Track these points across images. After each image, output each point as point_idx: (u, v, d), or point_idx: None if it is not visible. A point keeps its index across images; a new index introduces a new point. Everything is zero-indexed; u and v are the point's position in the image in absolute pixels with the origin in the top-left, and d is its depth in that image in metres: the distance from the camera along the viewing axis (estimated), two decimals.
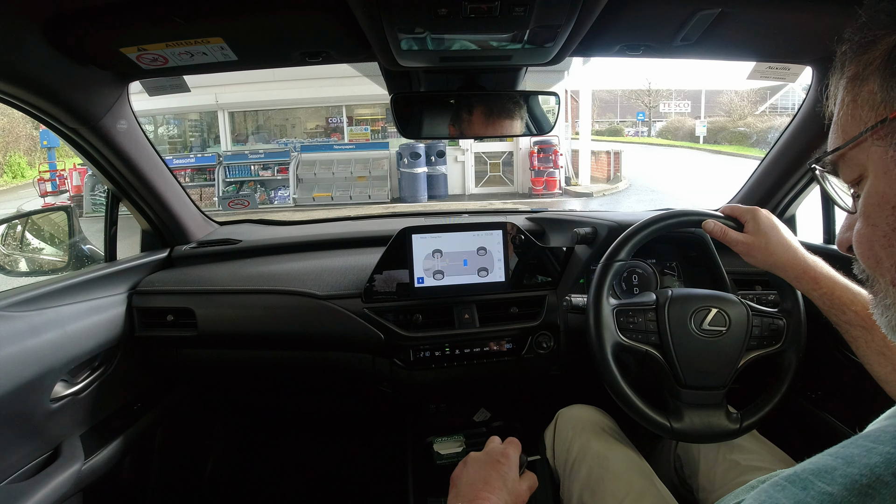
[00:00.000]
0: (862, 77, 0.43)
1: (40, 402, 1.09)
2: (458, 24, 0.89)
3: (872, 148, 0.43)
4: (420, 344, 1.34)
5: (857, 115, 0.44)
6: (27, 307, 1.09)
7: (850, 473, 0.33)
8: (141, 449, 1.41)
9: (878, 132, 0.42)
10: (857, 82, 0.44)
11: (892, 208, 0.42)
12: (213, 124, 13.95)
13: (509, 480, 0.83)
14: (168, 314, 1.38)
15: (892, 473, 0.31)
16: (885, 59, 0.41)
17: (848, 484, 0.32)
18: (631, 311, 1.09)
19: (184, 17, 0.92)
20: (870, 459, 0.33)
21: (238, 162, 12.38)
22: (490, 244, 1.39)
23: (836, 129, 0.47)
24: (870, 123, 0.43)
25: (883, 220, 0.43)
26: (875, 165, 0.43)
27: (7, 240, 1.61)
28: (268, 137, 14.11)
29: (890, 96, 0.41)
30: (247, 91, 12.34)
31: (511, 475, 0.84)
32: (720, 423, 1.02)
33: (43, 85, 1.05)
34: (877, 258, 0.44)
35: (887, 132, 0.41)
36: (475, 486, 0.81)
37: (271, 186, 12.42)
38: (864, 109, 0.43)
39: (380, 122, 13.73)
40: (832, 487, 0.33)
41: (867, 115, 0.43)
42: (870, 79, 0.43)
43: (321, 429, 2.01)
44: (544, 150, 12.09)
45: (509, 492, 0.81)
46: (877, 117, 0.42)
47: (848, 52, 0.45)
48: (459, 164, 12.71)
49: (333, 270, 1.42)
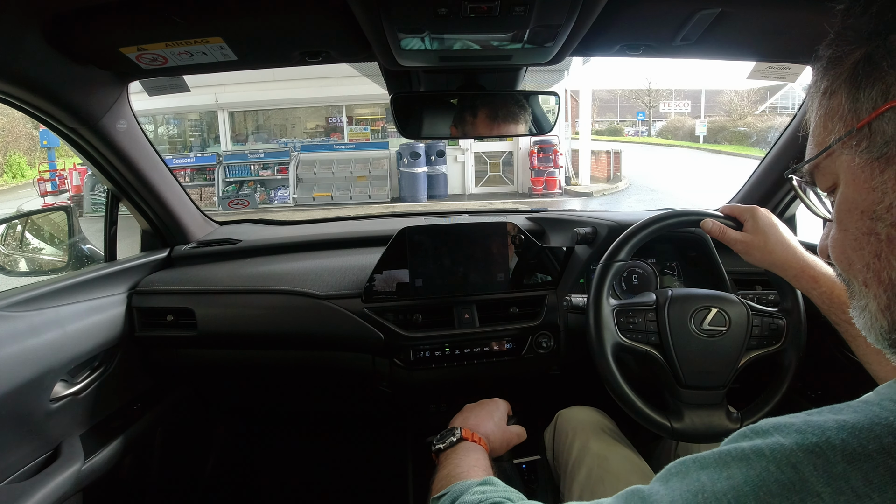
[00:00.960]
0: (832, 90, 0.46)
1: (40, 402, 1.09)
2: (458, 24, 0.89)
3: (842, 157, 0.45)
4: (420, 344, 1.34)
5: (829, 126, 0.47)
6: (27, 307, 1.09)
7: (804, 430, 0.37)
8: (141, 449, 1.40)
9: (846, 142, 0.44)
10: (827, 95, 0.47)
11: (861, 213, 0.44)
12: (213, 124, 13.94)
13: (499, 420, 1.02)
14: (168, 314, 1.38)
15: (841, 438, 0.35)
16: (850, 72, 0.44)
17: (800, 440, 0.36)
18: (631, 312, 1.09)
19: (184, 17, 0.92)
20: (825, 423, 0.36)
21: (238, 162, 12.38)
22: (491, 244, 1.39)
23: (812, 141, 0.50)
24: (839, 134, 0.45)
25: (853, 224, 0.45)
26: (845, 174, 0.46)
27: (7, 239, 1.61)
28: (267, 137, 14.11)
29: (855, 107, 0.43)
30: (247, 91, 12.33)
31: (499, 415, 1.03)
32: (720, 422, 1.02)
33: (43, 85, 1.05)
34: (849, 261, 0.46)
35: (854, 141, 0.43)
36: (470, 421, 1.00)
37: (271, 186, 12.42)
38: (834, 121, 0.46)
39: (380, 122, 13.73)
40: (786, 440, 0.37)
41: (837, 126, 0.46)
42: (838, 92, 0.45)
43: (321, 429, 2.01)
44: (544, 149, 12.09)
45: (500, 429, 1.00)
46: (845, 128, 0.45)
47: (820, 68, 0.48)
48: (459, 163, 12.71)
49: (333, 270, 1.42)
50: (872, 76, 0.42)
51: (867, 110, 0.43)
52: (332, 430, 2.01)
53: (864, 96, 0.43)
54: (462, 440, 0.94)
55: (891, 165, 0.41)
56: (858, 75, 0.43)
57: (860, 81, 0.43)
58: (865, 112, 0.43)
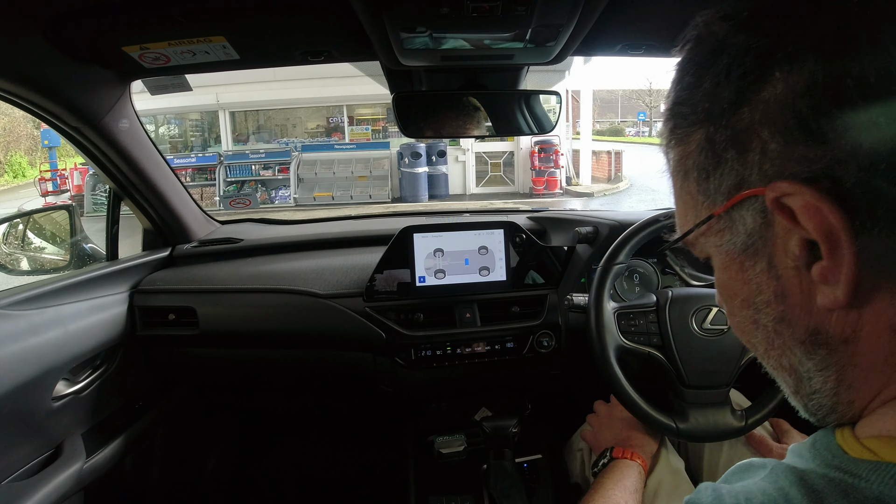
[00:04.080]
0: (683, 170, 0.41)
1: (42, 401, 1.09)
2: (460, 23, 0.89)
3: (709, 239, 0.41)
4: (421, 343, 1.34)
5: (688, 204, 0.42)
6: (28, 306, 1.09)
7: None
8: (142, 448, 1.40)
9: (708, 228, 0.40)
10: (681, 173, 0.42)
11: (742, 301, 0.41)
12: (214, 124, 13.94)
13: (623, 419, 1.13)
14: (169, 313, 1.38)
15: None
16: (696, 157, 0.39)
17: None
18: (632, 314, 1.09)
19: (186, 16, 0.92)
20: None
21: (239, 161, 12.38)
22: (491, 243, 1.39)
23: (676, 213, 0.45)
24: (697, 218, 0.41)
25: (737, 310, 0.42)
26: (715, 259, 0.42)
27: (9, 239, 1.61)
28: (269, 137, 14.10)
29: (708, 194, 0.39)
30: (248, 91, 12.33)
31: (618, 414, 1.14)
32: (725, 421, 1.03)
33: (45, 83, 1.05)
34: (750, 343, 0.43)
35: (716, 230, 0.40)
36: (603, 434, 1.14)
37: (272, 186, 12.42)
38: (694, 202, 0.41)
39: (380, 122, 13.72)
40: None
41: (695, 209, 0.41)
42: (689, 174, 0.40)
43: (322, 428, 2.01)
44: (545, 149, 12.08)
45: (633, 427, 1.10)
46: (702, 214, 0.40)
47: (665, 141, 0.43)
48: (460, 163, 12.71)
49: (335, 269, 1.42)
50: (718, 166, 0.37)
51: (721, 200, 0.38)
52: (334, 428, 2.01)
53: (714, 186, 0.38)
54: (613, 459, 1.02)
55: (760, 259, 0.37)
56: (704, 162, 0.38)
57: (707, 169, 0.38)
58: (720, 201, 0.38)
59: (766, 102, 0.34)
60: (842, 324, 0.35)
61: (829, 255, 0.33)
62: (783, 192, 0.33)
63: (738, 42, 0.35)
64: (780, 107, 0.33)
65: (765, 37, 0.34)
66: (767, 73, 0.34)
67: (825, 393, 0.37)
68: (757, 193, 0.35)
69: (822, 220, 0.32)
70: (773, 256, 0.36)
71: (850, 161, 0.31)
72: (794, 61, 0.32)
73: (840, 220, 0.31)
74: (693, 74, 0.38)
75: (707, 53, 0.37)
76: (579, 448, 1.26)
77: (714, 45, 0.37)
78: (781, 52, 0.33)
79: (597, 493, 0.94)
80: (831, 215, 0.31)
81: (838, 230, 0.31)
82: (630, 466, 0.99)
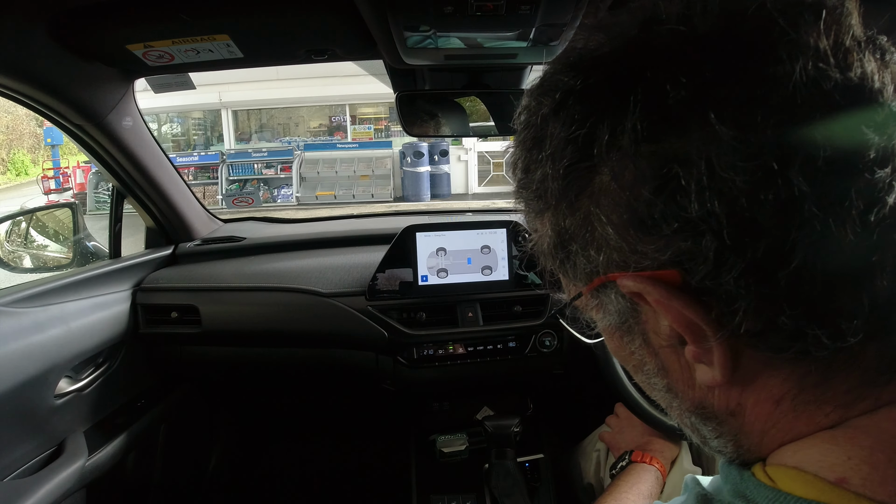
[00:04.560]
0: (543, 247, 0.38)
1: (44, 399, 1.09)
2: (464, 22, 0.89)
3: (590, 309, 0.38)
4: (423, 342, 1.34)
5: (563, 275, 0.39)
6: (31, 303, 1.09)
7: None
8: (144, 446, 1.41)
9: (583, 304, 0.38)
10: (541, 247, 0.38)
11: (633, 367, 0.39)
12: (217, 122, 13.96)
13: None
14: (172, 311, 1.38)
15: None
16: (549, 241, 0.36)
17: None
18: None
19: (190, 14, 0.92)
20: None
21: (242, 160, 12.37)
22: (494, 242, 1.39)
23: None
24: (570, 292, 0.38)
25: (632, 371, 0.40)
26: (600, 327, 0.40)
27: (12, 236, 1.61)
28: (271, 136, 14.12)
29: (572, 276, 0.36)
30: (250, 89, 12.34)
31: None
32: None
33: (49, 81, 1.05)
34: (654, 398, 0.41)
35: (591, 306, 0.37)
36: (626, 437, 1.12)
37: (274, 185, 12.42)
38: (563, 277, 0.39)
39: (383, 121, 13.72)
40: None
41: (567, 283, 0.39)
42: (548, 254, 0.37)
43: (324, 426, 2.02)
44: None
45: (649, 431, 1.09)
46: (574, 289, 0.37)
47: (526, 212, 0.39)
48: (462, 163, 12.68)
49: (337, 268, 1.42)
50: (569, 255, 0.35)
51: (582, 283, 0.36)
52: (336, 427, 2.01)
53: (571, 271, 0.36)
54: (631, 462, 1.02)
55: (636, 336, 0.36)
56: (555, 250, 0.36)
57: (559, 257, 0.36)
58: (582, 284, 0.36)
59: (598, 193, 0.31)
60: (725, 399, 0.34)
61: (695, 343, 0.31)
62: (629, 288, 0.31)
63: (556, 132, 0.32)
64: (611, 198, 0.31)
65: (580, 126, 0.31)
66: (593, 164, 0.31)
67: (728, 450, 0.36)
68: (611, 280, 0.33)
69: (678, 315, 0.30)
70: (647, 335, 0.35)
71: (696, 253, 0.28)
72: (613, 149, 0.30)
73: (697, 314, 0.29)
74: (524, 160, 0.36)
75: (532, 140, 0.35)
76: (596, 449, 1.26)
77: (536, 132, 0.34)
78: (599, 139, 0.30)
79: (611, 495, 0.94)
80: (686, 311, 0.29)
81: (698, 323, 0.30)
82: (647, 471, 0.99)
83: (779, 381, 0.31)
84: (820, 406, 0.31)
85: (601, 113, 0.30)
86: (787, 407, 0.31)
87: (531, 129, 0.35)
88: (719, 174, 0.27)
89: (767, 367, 0.31)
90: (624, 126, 0.29)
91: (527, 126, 0.36)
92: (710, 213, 0.27)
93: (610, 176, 0.30)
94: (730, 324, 0.29)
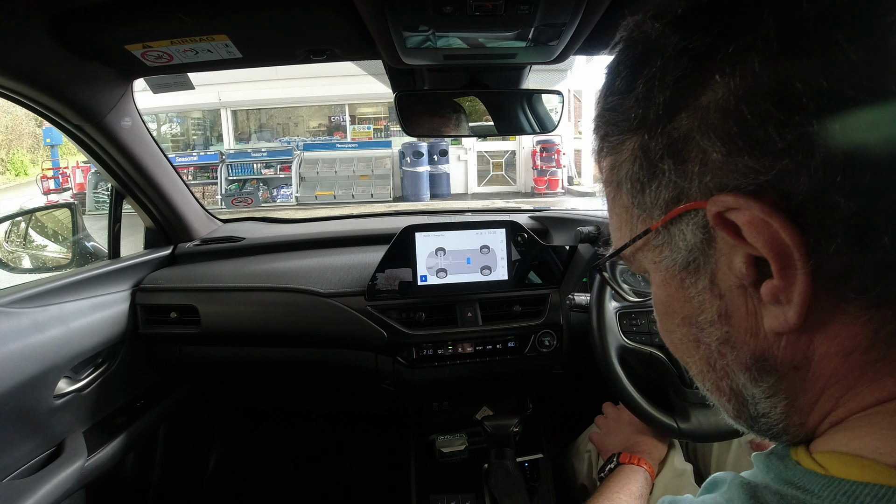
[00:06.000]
0: (616, 181, 0.38)
1: (44, 399, 1.09)
2: (463, 22, 0.89)
3: (646, 254, 0.38)
4: (423, 342, 1.34)
5: (622, 218, 0.39)
6: (31, 304, 1.09)
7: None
8: (144, 446, 1.41)
9: (645, 243, 0.37)
10: (613, 184, 0.39)
11: (682, 319, 0.38)
12: (216, 122, 13.96)
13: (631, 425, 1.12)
14: (171, 311, 1.38)
15: None
16: (630, 167, 0.36)
17: None
18: (634, 314, 1.09)
19: (189, 15, 0.92)
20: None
21: (241, 160, 12.37)
22: (493, 242, 1.39)
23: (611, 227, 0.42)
24: (633, 232, 0.38)
25: (675, 328, 0.39)
26: (653, 275, 0.39)
27: (11, 237, 1.61)
28: (270, 136, 14.12)
29: (644, 208, 0.36)
30: (250, 89, 12.34)
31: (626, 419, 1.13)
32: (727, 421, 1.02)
33: (47, 81, 1.05)
34: (685, 362, 0.41)
35: (653, 245, 0.37)
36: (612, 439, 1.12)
37: (274, 185, 12.42)
38: (628, 216, 0.38)
39: (382, 121, 13.73)
40: None
41: (630, 222, 0.38)
42: (622, 185, 0.37)
43: (324, 426, 2.02)
44: (547, 149, 12.07)
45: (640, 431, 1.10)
46: (638, 228, 0.37)
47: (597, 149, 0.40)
48: (462, 163, 12.70)
49: (336, 268, 1.42)
50: (654, 178, 0.34)
51: (658, 214, 0.35)
52: (335, 427, 2.01)
53: (650, 199, 0.35)
54: (619, 465, 1.02)
55: (702, 276, 0.34)
56: (638, 173, 0.35)
57: (642, 181, 0.35)
58: (657, 215, 0.35)
59: (705, 108, 0.31)
60: (792, 349, 0.32)
61: (780, 274, 0.30)
62: (727, 206, 0.30)
63: (673, 43, 0.32)
64: (722, 113, 0.30)
65: (702, 36, 0.31)
66: (706, 76, 0.31)
67: (775, 417, 0.35)
68: (697, 207, 0.32)
69: (772, 237, 0.29)
70: (717, 274, 0.34)
71: (801, 173, 0.28)
72: (736, 63, 0.29)
73: (792, 237, 0.29)
74: (624, 78, 0.35)
75: (639, 55, 0.34)
76: (587, 450, 1.26)
77: (646, 46, 0.34)
78: (721, 52, 0.30)
79: (602, 497, 0.94)
80: (783, 231, 0.29)
81: (790, 247, 0.29)
82: (636, 472, 0.99)
83: (852, 330, 0.30)
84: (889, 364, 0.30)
85: (729, 24, 0.30)
86: (855, 362, 0.31)
87: (637, 46, 0.35)
88: (840, 93, 0.27)
89: (842, 313, 0.30)
90: (752, 39, 0.29)
91: (630, 44, 0.35)
92: (826, 132, 0.27)
93: (726, 89, 0.30)
94: (823, 251, 0.28)
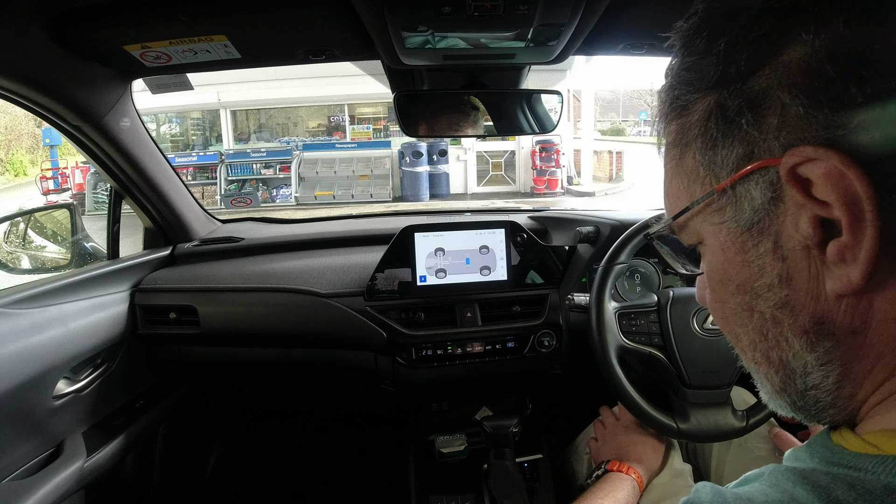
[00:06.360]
0: (683, 143, 0.39)
1: (43, 400, 1.09)
2: (462, 23, 0.89)
3: (705, 221, 0.39)
4: (422, 342, 1.34)
5: (683, 183, 0.40)
6: (30, 304, 1.09)
7: None
8: (143, 446, 1.41)
9: (707, 206, 0.38)
10: (678, 148, 0.40)
11: (737, 287, 0.38)
12: (216, 123, 13.96)
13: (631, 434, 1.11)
14: (171, 312, 1.38)
15: None
16: (701, 125, 0.37)
17: None
18: (633, 314, 1.09)
19: (188, 15, 0.92)
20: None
21: (240, 160, 12.38)
22: (492, 242, 1.39)
23: (667, 195, 0.43)
24: (695, 196, 0.39)
25: (729, 297, 0.39)
26: (710, 240, 0.39)
27: (10, 237, 1.61)
28: (270, 136, 14.12)
29: (713, 167, 0.37)
30: (249, 89, 12.34)
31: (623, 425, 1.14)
32: (727, 421, 1.02)
33: (46, 82, 1.05)
34: (734, 334, 0.41)
35: (716, 207, 0.37)
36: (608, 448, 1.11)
37: (273, 185, 12.42)
38: (690, 179, 0.39)
39: (382, 121, 13.73)
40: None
41: (692, 185, 0.39)
42: (690, 146, 0.38)
43: (323, 427, 2.01)
44: (546, 149, 12.08)
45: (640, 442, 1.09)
46: (702, 189, 0.38)
47: (663, 112, 0.41)
48: (461, 163, 12.71)
49: (336, 268, 1.42)
50: (729, 133, 0.35)
51: (727, 173, 0.35)
52: (335, 428, 2.01)
53: (722, 156, 0.36)
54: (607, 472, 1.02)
55: (765, 238, 0.35)
56: (711, 130, 0.36)
57: (714, 138, 0.36)
58: (725, 174, 0.36)
59: (786, 65, 0.32)
60: (851, 312, 0.33)
61: (850, 230, 0.30)
62: (806, 156, 0.31)
63: (756, 2, 0.33)
64: (804, 69, 0.31)
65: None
66: (790, 34, 0.32)
67: (825, 388, 0.35)
68: (769, 164, 0.33)
69: (847, 189, 0.30)
70: (781, 235, 0.34)
71: (876, 128, 0.29)
72: (820, 23, 0.31)
73: (866, 189, 0.29)
74: (705, 38, 0.36)
75: (721, 16, 0.35)
76: (587, 450, 1.26)
77: (730, 7, 0.35)
78: (806, 12, 0.31)
79: (586, 501, 0.94)
80: (858, 182, 0.29)
81: (863, 200, 0.29)
82: (623, 480, 0.99)
83: None
84: None
85: None
86: None
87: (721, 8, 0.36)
88: None
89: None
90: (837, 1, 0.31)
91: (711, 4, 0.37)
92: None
93: (810, 47, 0.31)
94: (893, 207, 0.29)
